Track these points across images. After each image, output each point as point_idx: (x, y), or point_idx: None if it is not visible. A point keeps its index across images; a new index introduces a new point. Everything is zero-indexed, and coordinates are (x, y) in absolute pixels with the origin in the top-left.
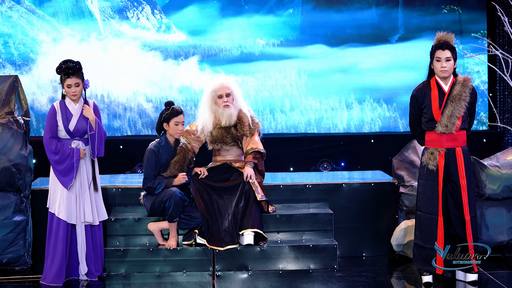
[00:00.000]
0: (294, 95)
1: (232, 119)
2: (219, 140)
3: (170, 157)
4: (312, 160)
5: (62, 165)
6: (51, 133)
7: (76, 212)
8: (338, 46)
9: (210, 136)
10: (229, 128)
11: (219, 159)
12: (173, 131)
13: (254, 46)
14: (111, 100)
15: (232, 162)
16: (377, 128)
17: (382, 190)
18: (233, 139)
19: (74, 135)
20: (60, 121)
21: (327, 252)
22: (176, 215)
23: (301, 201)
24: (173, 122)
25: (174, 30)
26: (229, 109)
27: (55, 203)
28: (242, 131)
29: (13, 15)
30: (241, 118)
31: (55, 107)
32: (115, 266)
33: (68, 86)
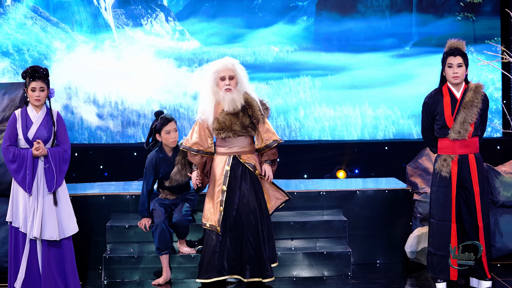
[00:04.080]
0: (308, 102)
1: (236, 104)
2: (226, 128)
3: (169, 170)
4: (326, 167)
5: (21, 172)
6: (9, 141)
7: (32, 226)
8: (352, 53)
9: (216, 123)
10: (237, 113)
11: (223, 151)
12: (166, 141)
13: (268, 53)
14: (125, 107)
15: (241, 154)
16: (391, 135)
17: (396, 197)
18: (242, 127)
19: (33, 144)
20: (20, 129)
21: (341, 259)
22: (163, 248)
23: (315, 208)
24: (164, 132)
25: (188, 37)
26: (231, 94)
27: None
28: (255, 116)
29: (27, 22)
30: (250, 102)
31: (16, 114)
32: (129, 273)
33: (32, 90)
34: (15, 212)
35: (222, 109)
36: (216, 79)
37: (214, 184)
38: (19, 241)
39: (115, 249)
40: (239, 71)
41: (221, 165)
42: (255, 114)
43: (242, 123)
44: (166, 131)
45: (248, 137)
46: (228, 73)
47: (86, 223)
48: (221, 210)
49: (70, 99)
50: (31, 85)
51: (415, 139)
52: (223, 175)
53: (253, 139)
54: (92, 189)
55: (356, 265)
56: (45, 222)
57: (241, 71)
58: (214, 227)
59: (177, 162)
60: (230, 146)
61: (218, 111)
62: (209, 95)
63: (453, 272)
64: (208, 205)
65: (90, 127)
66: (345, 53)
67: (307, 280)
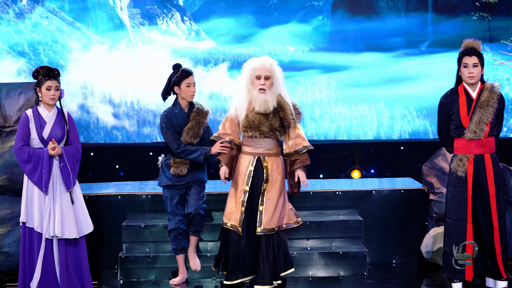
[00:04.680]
0: (323, 102)
1: (268, 106)
2: (254, 127)
3: (184, 124)
4: (342, 167)
5: (37, 172)
6: (22, 141)
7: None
8: (367, 53)
9: (245, 120)
10: (267, 115)
11: (249, 151)
12: (185, 94)
13: (284, 53)
14: (140, 107)
15: (265, 156)
16: (407, 135)
17: (411, 197)
18: (270, 129)
19: (48, 143)
20: (33, 128)
21: (357, 259)
22: (179, 249)
23: (331, 208)
24: (184, 84)
25: (203, 37)
26: (264, 95)
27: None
28: (287, 120)
29: (43, 22)
30: (283, 106)
31: (28, 114)
32: (145, 273)
33: (47, 88)
34: (30, 212)
35: (253, 107)
36: (251, 77)
37: (237, 183)
38: (34, 241)
39: (131, 248)
40: (276, 72)
41: (245, 165)
42: (287, 117)
43: (271, 125)
44: (187, 83)
45: (275, 140)
46: (265, 73)
47: (102, 222)
48: (243, 211)
49: (86, 98)
50: (46, 84)
51: (431, 139)
52: (246, 175)
53: (279, 143)
54: (108, 189)
55: (372, 265)
56: (64, 221)
57: (279, 72)
58: (235, 227)
59: (192, 118)
60: (256, 147)
61: (250, 109)
62: (243, 91)
63: (469, 272)
64: (231, 204)
65: (106, 127)
66: (360, 52)
67: (323, 280)
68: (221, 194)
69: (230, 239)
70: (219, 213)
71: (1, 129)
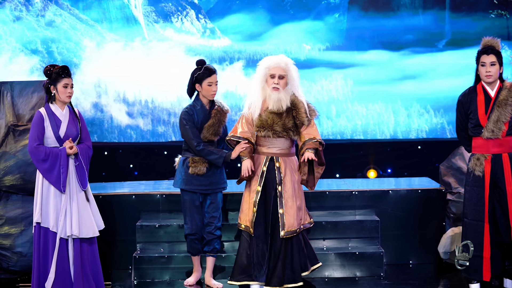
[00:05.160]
0: (340, 100)
1: (281, 105)
2: (267, 126)
3: (205, 121)
4: (358, 166)
5: (54, 171)
6: (38, 140)
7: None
8: (384, 51)
9: (258, 119)
10: (281, 114)
11: (262, 151)
12: (206, 92)
13: (300, 51)
14: (155, 106)
15: (279, 156)
16: (424, 134)
17: (429, 197)
18: (284, 128)
19: (64, 142)
20: (49, 127)
21: (373, 259)
22: (194, 253)
23: (347, 208)
24: (206, 83)
25: (218, 35)
26: (278, 93)
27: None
28: (300, 119)
29: (56, 20)
30: (296, 105)
31: (42, 113)
32: (159, 273)
33: (64, 86)
34: (45, 212)
35: (267, 106)
36: (266, 75)
37: (250, 183)
38: (49, 241)
39: (145, 248)
40: (292, 71)
41: (258, 165)
42: (300, 116)
43: (284, 124)
44: (209, 82)
45: (289, 140)
46: (279, 72)
47: (116, 222)
48: (254, 211)
49: (99, 97)
50: (63, 82)
51: (448, 138)
52: (259, 175)
53: (293, 143)
54: (122, 188)
55: (389, 266)
56: (81, 220)
57: (294, 71)
58: (248, 228)
59: (214, 115)
60: (269, 146)
61: (264, 108)
62: (257, 90)
63: (486, 272)
64: (245, 206)
65: (120, 126)
66: (377, 50)
67: (339, 280)
68: (236, 193)
69: (242, 240)
70: (234, 213)
71: (14, 128)
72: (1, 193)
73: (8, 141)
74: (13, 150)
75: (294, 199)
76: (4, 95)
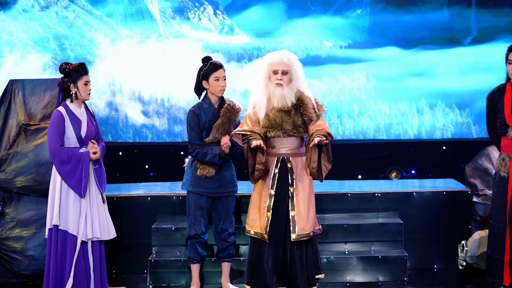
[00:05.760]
0: (362, 99)
1: (286, 101)
2: (276, 126)
3: (213, 120)
4: (381, 167)
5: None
6: (60, 141)
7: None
8: (408, 49)
9: (265, 120)
10: (289, 111)
11: (272, 152)
12: (214, 89)
13: (321, 48)
14: (171, 104)
15: (290, 156)
16: (449, 134)
17: (454, 199)
18: (294, 126)
19: (84, 142)
20: (70, 127)
21: (396, 263)
22: (196, 258)
23: (369, 210)
24: (213, 78)
25: (237, 32)
26: (281, 89)
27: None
28: (308, 114)
29: (69, 16)
30: (303, 100)
31: (62, 112)
32: (176, 278)
33: (85, 83)
34: (64, 214)
35: (273, 105)
36: (269, 72)
37: (260, 187)
38: (67, 245)
39: (161, 252)
40: (295, 67)
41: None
42: (308, 112)
43: (294, 122)
44: (215, 77)
45: (299, 138)
46: (282, 68)
47: (131, 225)
48: (268, 216)
49: (114, 95)
50: (83, 79)
51: (474, 138)
52: (271, 178)
53: (303, 142)
54: (137, 190)
55: (413, 270)
56: (103, 222)
57: (298, 67)
58: (260, 234)
59: (223, 114)
60: (279, 147)
61: (270, 107)
62: (261, 87)
63: (506, 277)
64: (254, 211)
65: (135, 125)
66: (401, 47)
67: (361, 285)
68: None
69: (253, 247)
70: None
71: (26, 128)
72: (13, 195)
73: (19, 141)
74: (25, 150)
75: (306, 201)
76: (16, 94)
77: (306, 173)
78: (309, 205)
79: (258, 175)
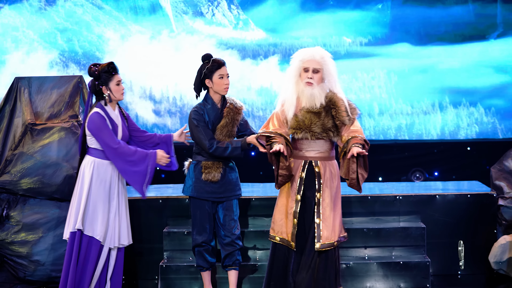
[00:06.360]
0: (383, 98)
1: (315, 102)
2: (304, 127)
3: (216, 121)
4: (402, 169)
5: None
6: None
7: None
8: (431, 45)
9: (293, 120)
10: (319, 113)
11: (299, 155)
12: (219, 87)
13: (340, 44)
14: (184, 103)
15: (318, 160)
16: (474, 134)
17: (479, 202)
18: (323, 129)
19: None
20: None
21: (419, 269)
22: (205, 266)
23: (390, 214)
24: (217, 76)
25: (252, 27)
26: (311, 88)
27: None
28: (340, 118)
29: (77, 10)
30: (335, 103)
31: (101, 113)
32: (188, 284)
33: (117, 84)
34: (93, 219)
35: (302, 105)
36: (299, 69)
37: (287, 191)
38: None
39: (173, 257)
40: (328, 65)
41: (295, 171)
42: (340, 115)
43: (324, 124)
44: (220, 75)
45: (328, 142)
46: (313, 65)
47: (142, 228)
48: (295, 223)
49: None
50: (115, 80)
51: (500, 138)
52: (297, 182)
53: (333, 145)
54: (148, 192)
55: (436, 276)
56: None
57: (331, 66)
58: (286, 241)
59: (226, 115)
60: (307, 150)
61: (299, 107)
62: (291, 85)
63: None
64: (279, 216)
65: (146, 125)
66: (423, 44)
67: None
68: (269, 198)
69: (276, 255)
70: (268, 219)
71: (32, 127)
72: (18, 197)
73: (25, 141)
74: (31, 150)
75: (332, 207)
76: (21, 92)
77: (334, 178)
78: (335, 212)
79: (282, 181)
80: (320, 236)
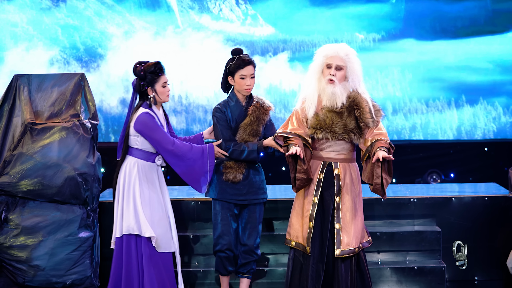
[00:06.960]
0: (397, 96)
1: (335, 101)
2: (325, 127)
3: (240, 119)
4: (417, 170)
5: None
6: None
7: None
8: (448, 41)
9: (314, 119)
10: (341, 113)
11: (318, 155)
12: (239, 87)
13: (352, 40)
14: (189, 102)
15: (337, 161)
16: (491, 134)
17: (497, 204)
18: (344, 130)
19: None
20: None
21: (434, 275)
22: (223, 272)
23: (404, 217)
24: (238, 76)
25: (261, 23)
26: (332, 87)
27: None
28: (363, 120)
29: (79, 5)
30: (359, 103)
31: (151, 114)
32: None
33: (164, 85)
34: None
35: (324, 104)
36: (322, 65)
37: (304, 193)
38: (147, 252)
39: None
40: (353, 63)
41: (313, 172)
42: (364, 117)
43: (345, 125)
44: (241, 75)
45: (349, 143)
46: (337, 62)
47: None
48: (311, 226)
49: (127, 92)
50: (161, 81)
51: None
52: (315, 184)
53: (354, 147)
54: None
55: (451, 282)
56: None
57: (356, 64)
58: (301, 246)
59: (251, 113)
60: (327, 150)
61: (320, 105)
62: (313, 81)
63: None
64: (296, 219)
65: None
66: (439, 40)
67: None
68: (282, 200)
69: (293, 260)
70: (278, 222)
71: (32, 127)
72: (17, 200)
73: (24, 141)
74: (31, 151)
75: (353, 212)
76: (21, 90)
77: (355, 181)
78: (356, 217)
79: (300, 184)
80: (340, 242)
